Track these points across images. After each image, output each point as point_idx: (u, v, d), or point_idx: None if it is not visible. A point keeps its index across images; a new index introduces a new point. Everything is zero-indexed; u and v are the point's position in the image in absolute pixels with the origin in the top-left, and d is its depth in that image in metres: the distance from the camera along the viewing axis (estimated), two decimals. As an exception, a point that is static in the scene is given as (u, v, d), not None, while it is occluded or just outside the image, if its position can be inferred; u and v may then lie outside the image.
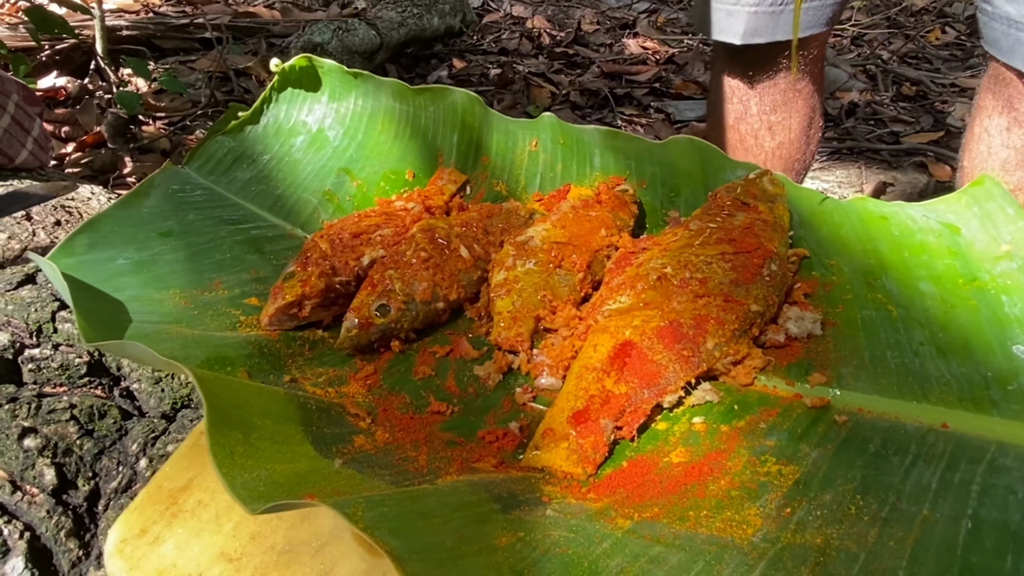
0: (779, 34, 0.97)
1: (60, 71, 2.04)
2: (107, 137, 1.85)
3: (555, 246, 0.63)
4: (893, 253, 0.60)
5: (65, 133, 1.89)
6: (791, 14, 0.95)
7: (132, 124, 1.91)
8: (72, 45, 2.07)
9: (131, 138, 1.87)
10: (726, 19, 0.98)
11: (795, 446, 0.47)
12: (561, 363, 0.56)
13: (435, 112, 0.79)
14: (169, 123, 1.95)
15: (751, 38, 0.98)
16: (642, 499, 0.44)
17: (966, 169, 1.00)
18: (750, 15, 0.96)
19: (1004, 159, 0.92)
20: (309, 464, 0.44)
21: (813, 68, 1.05)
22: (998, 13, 0.85)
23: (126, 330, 0.53)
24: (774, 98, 1.05)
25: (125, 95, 1.85)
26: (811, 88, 1.06)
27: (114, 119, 1.85)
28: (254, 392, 0.47)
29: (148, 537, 0.47)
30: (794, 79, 1.03)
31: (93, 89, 2.02)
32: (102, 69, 2.07)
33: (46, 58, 2.06)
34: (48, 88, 1.98)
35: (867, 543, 0.38)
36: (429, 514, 0.38)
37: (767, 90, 1.05)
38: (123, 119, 1.87)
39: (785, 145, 1.07)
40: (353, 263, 0.62)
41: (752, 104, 1.06)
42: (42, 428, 0.60)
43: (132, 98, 1.84)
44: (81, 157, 1.79)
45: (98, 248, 0.62)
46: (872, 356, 0.53)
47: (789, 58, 1.01)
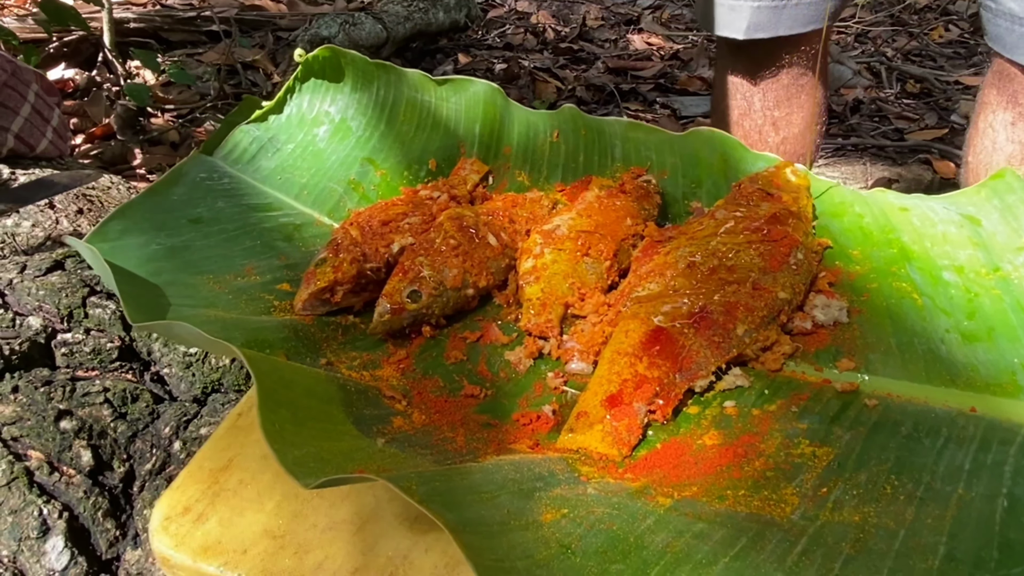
0: (781, 29, 0.97)
1: (68, 63, 2.05)
2: (116, 129, 1.85)
3: (582, 235, 0.64)
4: (915, 243, 0.61)
5: (74, 125, 1.89)
6: (794, 9, 0.96)
7: (141, 116, 1.91)
8: (80, 37, 2.07)
9: (140, 130, 1.88)
10: (729, 15, 0.99)
11: (827, 428, 0.48)
12: (591, 348, 0.57)
13: (457, 103, 0.80)
14: (178, 115, 1.96)
15: (754, 33, 0.98)
16: (679, 479, 0.45)
17: (971, 165, 1.01)
18: (753, 10, 0.97)
19: (1009, 154, 0.93)
20: (353, 443, 0.45)
21: (816, 64, 1.05)
22: (1001, 9, 0.86)
23: (167, 312, 0.54)
24: (777, 94, 1.06)
25: (135, 87, 1.85)
26: (815, 83, 1.07)
27: (123, 111, 1.86)
28: (297, 372, 0.48)
29: (191, 515, 0.48)
30: (797, 74, 1.04)
31: (101, 81, 2.02)
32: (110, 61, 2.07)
33: (54, 50, 2.06)
34: (56, 80, 1.98)
35: (905, 520, 0.39)
36: (477, 489, 0.39)
37: (771, 86, 1.05)
38: (132, 111, 1.87)
39: (789, 140, 1.08)
40: (383, 250, 0.63)
41: (756, 100, 1.07)
42: (77, 411, 0.61)
43: (142, 90, 1.84)
44: (91, 149, 1.79)
45: (131, 234, 0.63)
46: (899, 343, 0.54)
47: (792, 53, 1.02)
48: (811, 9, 0.97)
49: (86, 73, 2.03)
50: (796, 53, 1.02)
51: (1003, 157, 0.94)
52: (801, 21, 0.97)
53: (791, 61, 1.03)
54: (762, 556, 0.38)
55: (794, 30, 0.98)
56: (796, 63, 1.03)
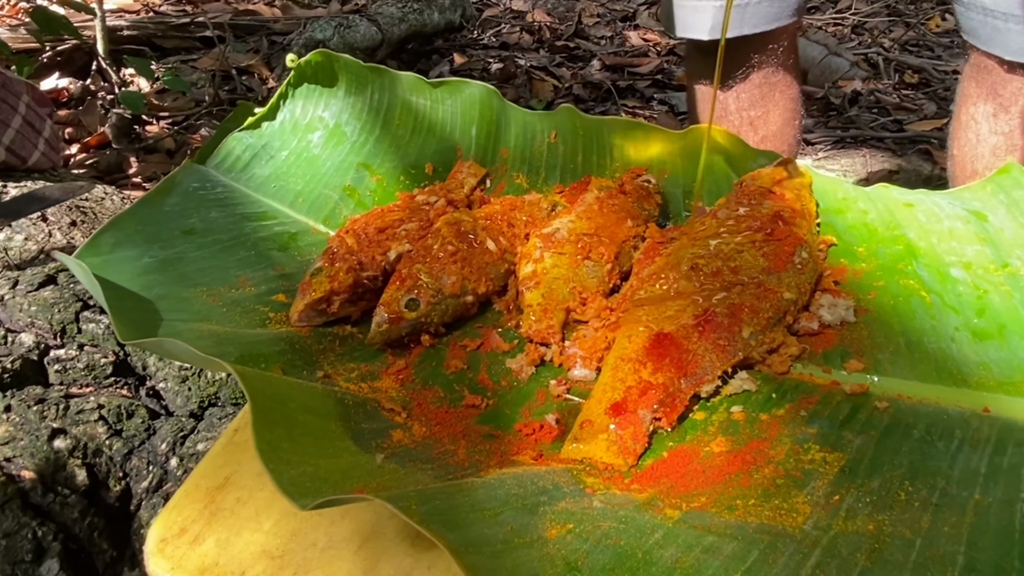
0: (746, 27, 0.97)
1: (62, 72, 2.03)
2: (111, 138, 1.84)
3: (582, 237, 0.62)
4: (922, 239, 0.60)
5: (69, 134, 1.88)
6: (756, 7, 0.95)
7: (136, 124, 1.90)
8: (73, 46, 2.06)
9: (135, 138, 1.87)
10: (692, 15, 0.99)
11: (838, 433, 0.46)
12: (594, 354, 0.55)
13: (452, 105, 0.79)
14: (173, 122, 1.95)
15: (718, 33, 0.97)
16: (687, 489, 0.44)
17: (957, 158, 1.00)
18: (716, 10, 0.96)
19: (994, 145, 0.93)
20: (352, 459, 0.43)
21: (787, 59, 1.04)
22: (974, 3, 0.86)
23: (159, 328, 0.53)
24: (751, 94, 1.05)
25: (129, 95, 1.84)
26: (788, 79, 1.06)
27: (118, 119, 1.85)
28: (293, 388, 0.47)
29: (188, 536, 0.47)
30: (769, 72, 1.04)
31: (95, 90, 2.01)
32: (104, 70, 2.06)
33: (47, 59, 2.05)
34: (50, 89, 1.97)
35: (921, 529, 0.38)
36: (479, 507, 0.38)
37: (743, 86, 1.05)
38: (127, 119, 1.86)
39: (768, 139, 1.08)
40: (380, 258, 0.62)
41: (730, 102, 1.06)
42: (71, 429, 0.60)
43: (136, 98, 1.83)
44: (86, 158, 1.78)
45: (123, 247, 0.62)
46: (908, 342, 0.53)
47: (761, 52, 1.01)
48: (775, 6, 0.96)
49: (80, 82, 2.02)
50: (765, 51, 1.02)
51: (988, 148, 0.93)
52: (766, 19, 0.97)
53: (761, 60, 1.02)
54: (775, 570, 0.37)
55: (759, 28, 0.97)
56: (766, 61, 1.03)
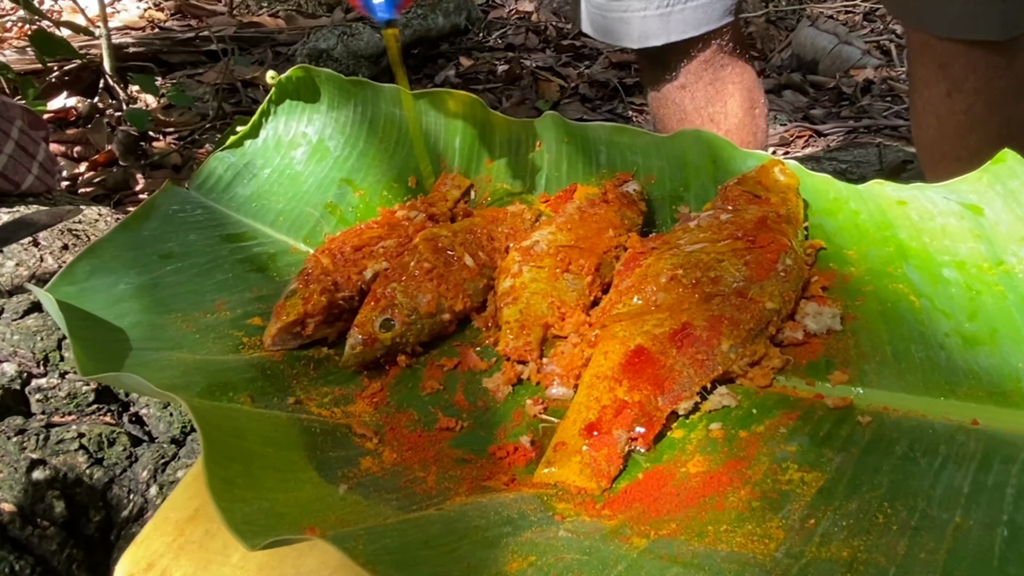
0: (673, 35, 0.97)
1: (70, 91, 2.06)
2: (118, 155, 1.85)
3: (561, 250, 0.61)
4: (913, 239, 0.58)
5: (77, 153, 1.90)
6: (679, 14, 0.96)
7: (143, 141, 1.91)
8: (80, 65, 2.08)
9: (142, 155, 1.88)
10: (621, 26, 0.99)
11: (817, 451, 0.45)
12: (572, 371, 0.54)
13: (436, 116, 0.78)
14: (179, 138, 1.96)
15: (645, 42, 0.98)
16: (659, 514, 0.42)
17: (922, 144, 0.97)
18: (640, 19, 0.96)
19: (956, 125, 0.89)
20: (313, 492, 0.43)
21: (733, 50, 1.03)
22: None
23: (126, 359, 0.53)
24: (705, 91, 1.04)
25: (134, 112, 1.86)
26: (738, 70, 1.05)
27: (124, 137, 1.86)
28: (254, 419, 0.46)
29: (155, 571, 0.46)
30: (718, 67, 1.03)
31: (103, 108, 2.03)
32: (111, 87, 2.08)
33: (55, 79, 2.07)
34: (58, 109, 1.99)
35: (897, 555, 0.36)
36: (435, 543, 0.37)
37: (695, 86, 1.04)
38: (133, 136, 1.88)
39: (732, 132, 1.07)
40: (356, 277, 0.61)
41: (686, 103, 1.06)
42: (51, 459, 0.60)
43: (141, 115, 1.85)
44: (94, 176, 1.80)
45: (99, 274, 0.61)
46: (895, 351, 0.51)
47: (705, 50, 1.01)
48: (700, 12, 0.96)
49: (88, 100, 2.04)
50: (708, 49, 1.01)
51: (950, 129, 0.90)
52: (693, 25, 0.97)
53: (706, 57, 1.01)
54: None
55: (686, 34, 0.97)
56: (712, 58, 1.02)
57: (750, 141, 1.08)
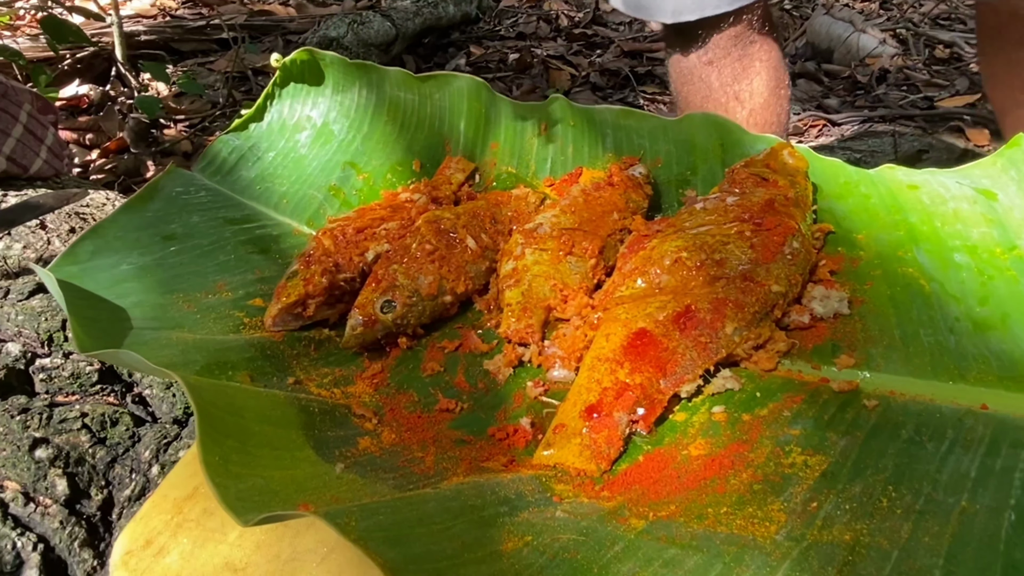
0: (708, 9, 0.95)
1: (82, 79, 2.06)
2: (130, 142, 1.86)
3: (565, 232, 0.60)
4: (924, 223, 0.57)
5: (89, 140, 1.91)
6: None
7: (154, 128, 1.92)
8: (92, 53, 2.09)
9: (153, 142, 1.88)
10: (654, 1, 0.97)
11: (822, 434, 0.44)
12: (573, 354, 0.53)
13: (441, 100, 0.77)
14: (190, 125, 1.96)
15: (680, 16, 0.97)
16: (658, 496, 0.42)
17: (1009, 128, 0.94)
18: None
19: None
20: (309, 470, 0.42)
21: (762, 27, 1.01)
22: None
23: (125, 338, 0.52)
24: (732, 68, 1.02)
25: (145, 99, 1.86)
26: (766, 48, 1.03)
27: (135, 124, 1.87)
28: (252, 397, 0.46)
29: (153, 548, 0.46)
30: (747, 43, 1.01)
31: (115, 95, 2.03)
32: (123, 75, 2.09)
33: (68, 67, 2.08)
34: (71, 96, 2.00)
35: (900, 539, 0.35)
36: (429, 520, 0.36)
37: (722, 61, 1.02)
38: (144, 124, 1.88)
39: (757, 111, 1.05)
40: (357, 259, 0.60)
41: (712, 79, 1.04)
42: (54, 438, 0.60)
43: (152, 102, 1.85)
44: (106, 163, 1.81)
45: (102, 254, 0.61)
46: (904, 335, 0.50)
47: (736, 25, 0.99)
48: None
49: (100, 88, 2.04)
50: (739, 25, 0.99)
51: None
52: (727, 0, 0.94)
53: (736, 33, 0.99)
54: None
55: (721, 8, 0.95)
56: (742, 34, 1.00)
57: (773, 122, 1.06)
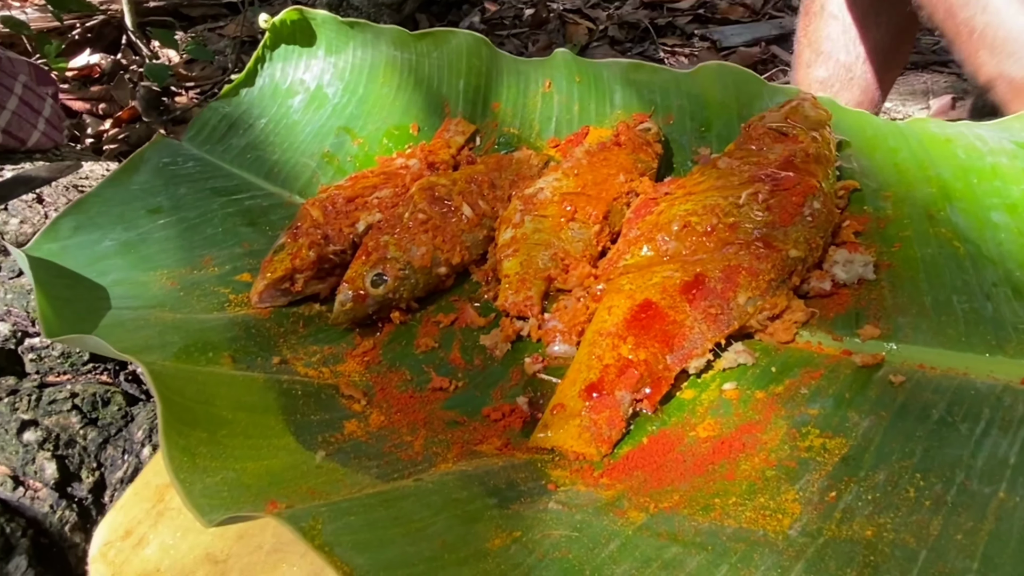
0: None
1: (93, 48, 2.04)
2: (141, 111, 1.84)
3: (567, 197, 0.56)
4: (959, 180, 0.52)
5: (102, 110, 1.89)
6: None
7: (165, 96, 1.89)
8: (102, 21, 2.06)
9: (165, 110, 1.86)
10: None
11: (842, 414, 0.40)
12: (575, 328, 0.50)
13: (439, 58, 0.73)
14: (201, 92, 1.93)
15: None
16: (661, 484, 0.38)
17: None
18: None
19: None
20: (287, 459, 0.40)
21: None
22: None
23: (102, 318, 0.50)
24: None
25: (154, 67, 1.83)
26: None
27: (146, 92, 1.84)
28: (226, 383, 0.43)
29: (132, 539, 0.44)
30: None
31: (127, 64, 2.01)
32: (134, 43, 2.06)
33: (78, 36, 2.05)
34: (82, 66, 1.97)
35: (928, 536, 0.32)
36: (406, 519, 0.33)
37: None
38: (155, 92, 1.86)
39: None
40: (348, 230, 0.57)
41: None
42: (43, 420, 0.58)
43: (161, 70, 1.82)
44: (118, 133, 1.79)
45: (84, 230, 0.59)
46: (935, 302, 0.45)
47: None
48: None
49: (111, 57, 2.02)
50: None
51: None
52: None
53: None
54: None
55: None
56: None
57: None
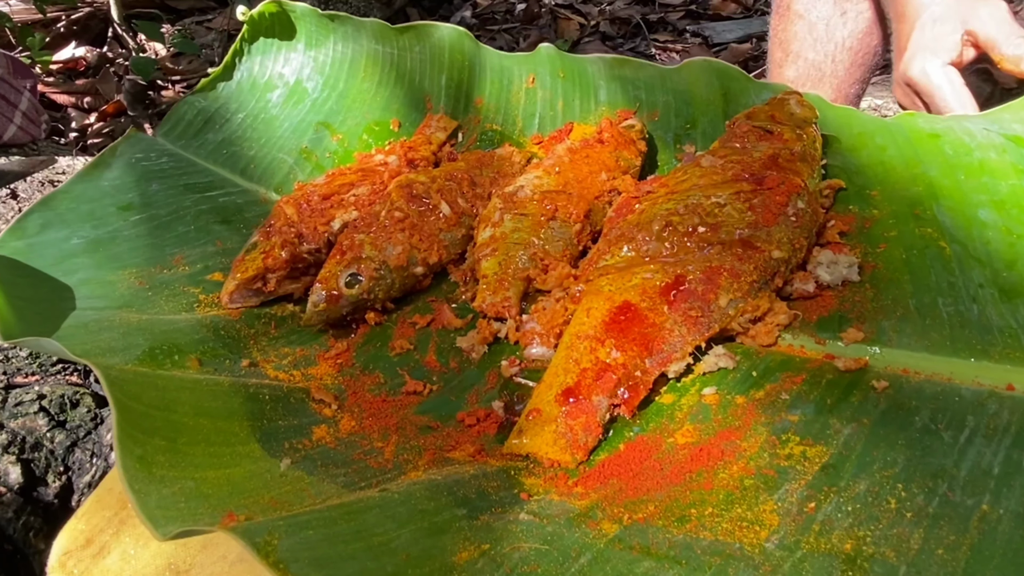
0: None
1: (78, 41, 2.01)
2: (127, 105, 1.81)
3: (548, 195, 0.55)
4: (946, 176, 0.51)
5: (87, 104, 1.86)
6: None
7: (151, 90, 1.87)
8: (88, 14, 2.04)
9: (150, 104, 1.84)
10: None
11: (823, 421, 0.39)
12: (553, 330, 0.49)
13: (421, 52, 0.71)
14: (188, 86, 1.91)
15: None
16: (637, 493, 0.37)
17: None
18: None
19: None
20: (250, 467, 0.38)
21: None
22: None
23: (64, 319, 0.48)
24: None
25: (140, 61, 1.81)
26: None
27: (132, 86, 1.82)
28: (188, 387, 0.42)
29: (93, 548, 0.42)
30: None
31: (113, 57, 1.98)
32: (120, 36, 2.03)
33: (64, 29, 2.03)
34: (67, 59, 1.95)
35: (909, 550, 0.31)
36: (368, 532, 0.32)
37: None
38: (141, 86, 1.83)
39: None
40: (323, 228, 0.56)
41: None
42: (8, 423, 0.56)
43: (147, 63, 1.80)
44: (103, 127, 1.77)
45: (52, 227, 0.57)
46: (920, 304, 0.44)
47: None
48: None
49: (97, 50, 1.99)
50: None
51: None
52: None
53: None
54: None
55: None
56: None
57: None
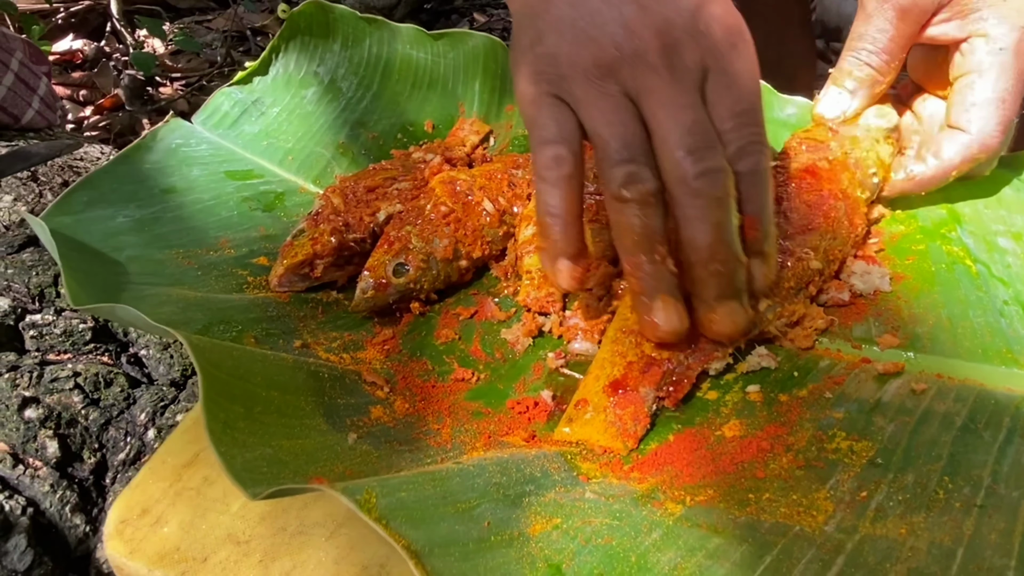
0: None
1: (76, 33, 2.00)
2: (125, 100, 1.81)
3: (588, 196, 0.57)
4: (967, 205, 0.54)
5: (83, 96, 1.85)
6: None
7: (149, 86, 1.86)
8: (87, 7, 2.03)
9: (148, 100, 1.83)
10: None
11: (867, 418, 0.41)
12: (596, 326, 0.50)
13: (455, 59, 0.73)
14: (186, 84, 1.91)
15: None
16: (693, 479, 0.39)
17: None
18: None
19: None
20: (320, 440, 0.39)
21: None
22: None
23: (122, 292, 0.49)
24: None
25: (140, 56, 1.80)
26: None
27: (130, 81, 1.81)
28: (258, 360, 0.43)
29: (150, 517, 0.43)
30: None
31: (110, 51, 1.98)
32: (118, 31, 2.03)
33: (62, 20, 2.02)
34: (64, 51, 1.94)
35: (963, 535, 0.33)
36: (453, 499, 0.33)
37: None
38: (140, 81, 1.83)
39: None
40: (368, 219, 0.57)
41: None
42: (44, 398, 0.57)
43: (147, 59, 1.79)
44: (99, 121, 1.76)
45: (97, 205, 0.58)
46: (951, 314, 0.47)
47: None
48: None
49: (95, 44, 1.98)
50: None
51: None
52: None
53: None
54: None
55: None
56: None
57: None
